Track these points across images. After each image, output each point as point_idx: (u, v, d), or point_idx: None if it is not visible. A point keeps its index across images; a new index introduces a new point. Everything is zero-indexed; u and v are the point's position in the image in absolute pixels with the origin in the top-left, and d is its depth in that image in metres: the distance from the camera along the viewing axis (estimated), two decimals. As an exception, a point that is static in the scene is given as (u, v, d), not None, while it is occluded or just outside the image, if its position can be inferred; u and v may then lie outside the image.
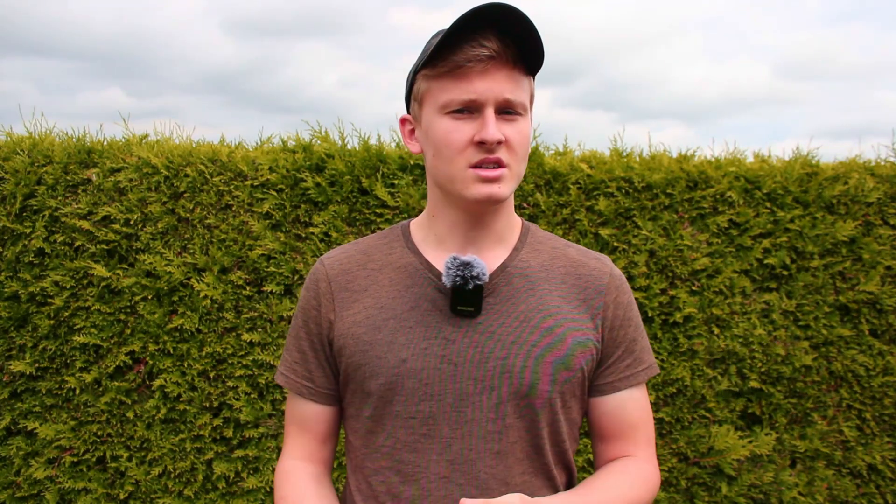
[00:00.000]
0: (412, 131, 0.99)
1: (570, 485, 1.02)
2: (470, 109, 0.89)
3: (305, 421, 1.04)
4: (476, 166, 0.89)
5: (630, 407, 1.00)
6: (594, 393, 1.00)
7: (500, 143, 0.88)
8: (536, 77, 0.96)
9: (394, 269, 1.00)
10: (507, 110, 0.89)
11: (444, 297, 0.95)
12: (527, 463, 0.94)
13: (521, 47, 0.88)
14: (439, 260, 0.98)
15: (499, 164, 0.90)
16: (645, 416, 1.02)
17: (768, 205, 2.51)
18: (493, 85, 0.87)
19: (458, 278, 0.91)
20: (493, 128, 0.87)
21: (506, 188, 0.91)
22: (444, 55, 0.88)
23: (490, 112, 0.88)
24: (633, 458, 1.01)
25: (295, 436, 1.05)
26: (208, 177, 2.30)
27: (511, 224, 1.01)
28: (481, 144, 0.88)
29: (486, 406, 0.92)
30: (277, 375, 1.06)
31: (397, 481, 0.93)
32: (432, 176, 0.96)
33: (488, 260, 0.98)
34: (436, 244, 1.00)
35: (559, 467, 0.98)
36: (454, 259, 0.91)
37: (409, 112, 1.00)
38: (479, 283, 0.91)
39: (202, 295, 2.25)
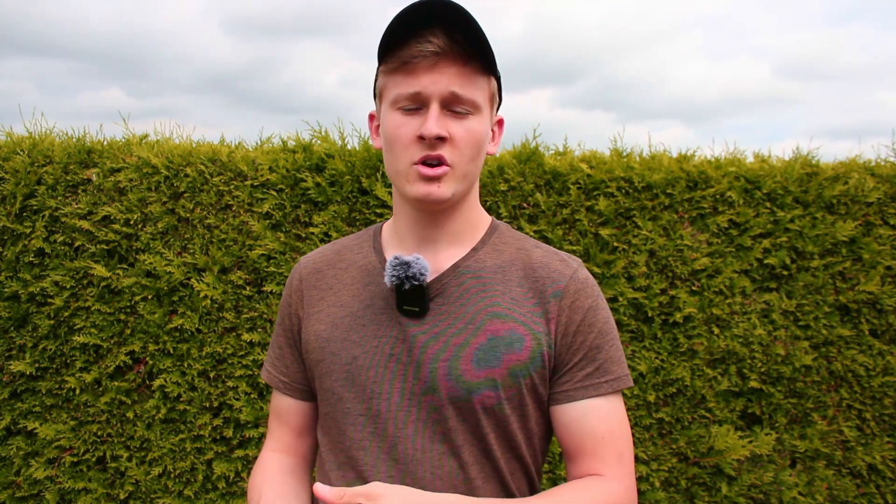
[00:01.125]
0: (378, 127, 0.98)
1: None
2: (418, 105, 0.87)
3: (282, 414, 1.06)
4: (419, 163, 0.88)
5: (594, 420, 0.92)
6: (552, 402, 0.95)
7: (441, 139, 0.86)
8: (536, 76, 0.94)
9: (357, 267, 1.01)
10: (455, 107, 0.87)
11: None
12: (476, 468, 0.91)
13: (471, 43, 0.86)
14: None
15: (441, 162, 0.88)
16: (614, 431, 0.93)
17: (768, 205, 2.51)
18: (439, 79, 0.85)
19: (394, 278, 0.90)
20: (432, 122, 0.86)
21: (446, 189, 0.89)
22: (393, 51, 0.87)
23: (434, 107, 0.86)
24: (598, 477, 0.91)
25: (274, 428, 1.08)
26: (208, 177, 2.30)
27: (473, 224, 0.99)
28: (423, 139, 0.87)
29: (430, 407, 0.90)
30: (262, 370, 1.09)
31: (353, 478, 0.93)
32: (386, 171, 0.96)
33: (443, 259, 0.96)
34: (397, 243, 0.99)
35: (516, 476, 0.95)
36: (395, 258, 0.91)
37: (375, 107, 1.00)
38: (415, 283, 0.90)
39: (202, 295, 2.25)
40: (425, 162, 0.88)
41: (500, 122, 1.00)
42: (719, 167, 2.52)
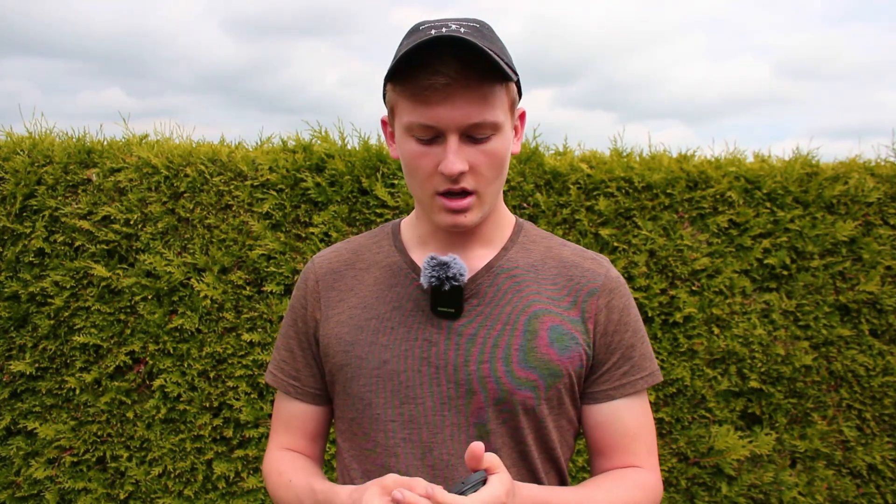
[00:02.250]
0: (392, 134, 0.95)
1: None
2: (434, 135, 0.84)
3: (292, 419, 1.03)
4: (443, 194, 0.87)
5: (627, 417, 0.94)
6: (587, 400, 0.95)
7: (462, 173, 0.84)
8: (536, 76, 0.91)
9: (380, 268, 0.98)
10: (475, 134, 0.84)
11: (427, 298, 0.93)
12: (513, 470, 0.90)
13: (487, 62, 0.82)
14: (423, 259, 0.94)
15: (465, 192, 0.86)
16: (645, 425, 0.96)
17: (768, 205, 2.51)
18: (453, 112, 0.82)
19: (433, 279, 0.88)
20: (452, 159, 0.83)
21: (473, 216, 0.88)
22: (403, 78, 0.83)
23: (452, 141, 0.83)
24: (637, 469, 0.95)
25: (282, 433, 1.04)
26: (208, 177, 2.30)
27: (500, 224, 0.98)
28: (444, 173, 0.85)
29: (467, 411, 0.89)
30: (266, 374, 1.05)
31: None
32: (410, 190, 0.94)
33: (474, 260, 0.95)
34: (421, 243, 0.98)
35: (550, 475, 0.95)
36: (431, 259, 0.89)
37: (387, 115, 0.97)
38: (455, 283, 0.88)
39: (202, 295, 2.25)
40: (449, 192, 0.86)
41: (522, 116, 0.96)
42: (719, 167, 2.52)
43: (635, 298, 2.42)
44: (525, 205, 2.40)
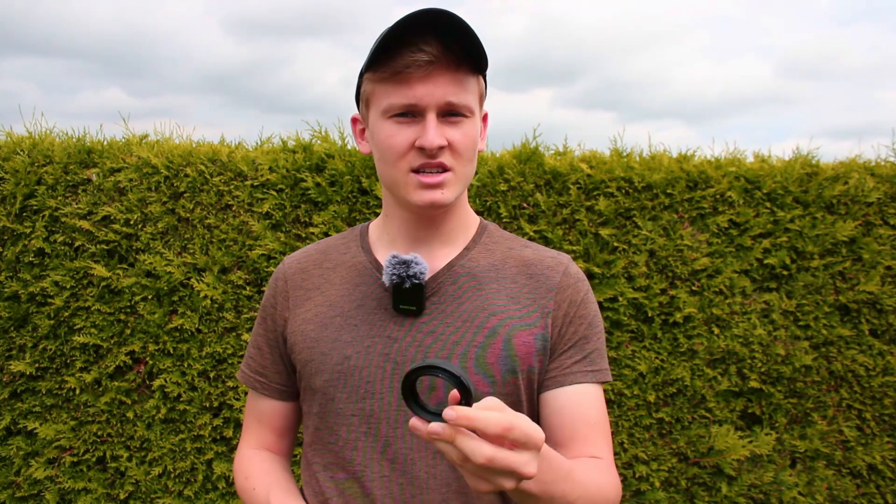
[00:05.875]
0: (363, 131, 0.98)
1: None
2: (412, 113, 0.88)
3: (262, 415, 1.07)
4: (417, 171, 0.89)
5: (586, 405, 0.94)
6: (542, 389, 0.96)
7: (441, 148, 0.87)
8: (536, 76, 0.93)
9: (346, 268, 1.01)
10: (450, 113, 0.88)
11: (390, 296, 0.95)
12: None
13: (464, 48, 0.87)
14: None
15: (442, 168, 0.89)
16: (603, 418, 0.95)
17: (768, 205, 2.51)
18: (434, 89, 0.86)
19: (394, 277, 0.91)
20: (433, 133, 0.86)
21: (449, 193, 0.90)
22: (385, 60, 0.86)
23: (431, 117, 0.87)
24: (600, 461, 0.93)
25: (253, 428, 1.08)
26: (208, 177, 2.30)
27: (464, 224, 1.01)
28: (421, 149, 0.87)
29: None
30: (238, 373, 1.09)
31: (343, 478, 0.93)
32: (380, 178, 0.96)
33: (437, 259, 0.98)
34: (388, 244, 1.00)
35: None
36: (393, 257, 0.91)
37: (359, 111, 1.00)
38: (416, 281, 0.91)
39: (202, 295, 2.25)
40: (424, 170, 0.89)
41: (485, 118, 1.00)
42: (719, 167, 2.52)
43: (635, 298, 2.42)
44: (525, 205, 2.40)
